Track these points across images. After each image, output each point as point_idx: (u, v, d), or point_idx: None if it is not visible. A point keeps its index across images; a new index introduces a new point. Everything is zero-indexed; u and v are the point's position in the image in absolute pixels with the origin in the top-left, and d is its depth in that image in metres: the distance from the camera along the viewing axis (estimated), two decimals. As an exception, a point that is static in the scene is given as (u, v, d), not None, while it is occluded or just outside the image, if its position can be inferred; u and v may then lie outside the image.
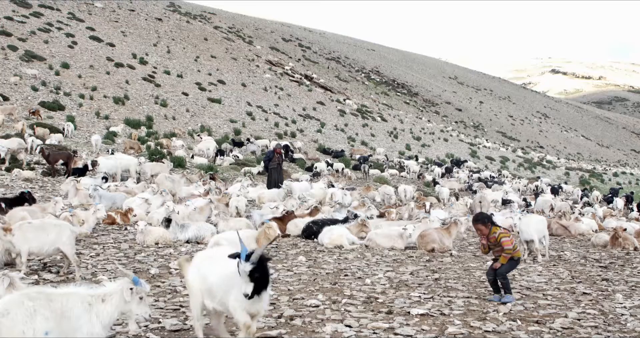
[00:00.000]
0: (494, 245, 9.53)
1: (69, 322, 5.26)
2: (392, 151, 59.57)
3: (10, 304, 5.19)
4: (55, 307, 5.25)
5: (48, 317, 5.15)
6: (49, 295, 5.39)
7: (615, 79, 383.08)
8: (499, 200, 29.51)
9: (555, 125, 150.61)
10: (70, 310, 5.31)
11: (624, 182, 70.12)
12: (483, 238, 9.66)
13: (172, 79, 59.98)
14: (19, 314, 5.08)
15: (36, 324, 5.07)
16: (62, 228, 10.08)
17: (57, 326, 5.17)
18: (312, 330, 7.56)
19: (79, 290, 5.59)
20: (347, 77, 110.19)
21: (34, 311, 5.11)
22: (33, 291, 5.59)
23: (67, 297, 5.41)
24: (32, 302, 5.20)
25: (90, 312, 5.44)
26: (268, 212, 17.84)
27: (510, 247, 9.39)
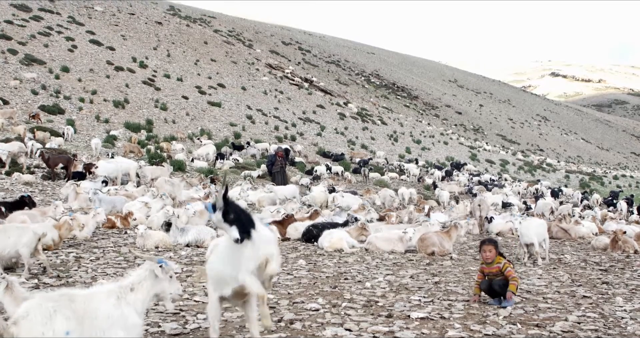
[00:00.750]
0: (494, 275, 9.50)
1: (95, 321, 5.22)
2: (392, 154, 59.62)
3: (30, 306, 5.19)
4: (77, 307, 5.22)
5: (69, 316, 5.11)
6: (71, 296, 5.37)
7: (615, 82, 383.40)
8: (499, 204, 29.53)
9: (555, 128, 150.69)
10: (95, 310, 5.27)
11: (624, 185, 70.11)
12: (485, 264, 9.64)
13: (172, 83, 60.05)
14: (38, 315, 5.06)
15: (56, 325, 5.02)
16: (24, 232, 10.09)
17: (80, 325, 5.13)
18: (312, 334, 7.55)
19: (103, 288, 5.57)
20: (347, 80, 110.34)
21: (53, 312, 5.08)
22: (55, 293, 5.58)
23: (91, 297, 5.39)
24: (52, 303, 5.17)
25: (120, 306, 5.39)
26: (268, 216, 17.85)
27: (515, 277, 9.39)
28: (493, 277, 9.51)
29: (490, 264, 9.50)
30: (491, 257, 9.49)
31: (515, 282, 9.36)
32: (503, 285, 9.31)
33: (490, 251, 9.50)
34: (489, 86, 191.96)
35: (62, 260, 11.35)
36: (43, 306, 5.13)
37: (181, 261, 11.98)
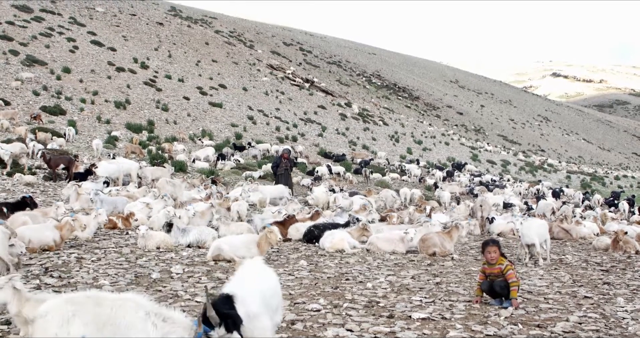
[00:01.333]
0: (496, 276, 9.51)
1: (116, 329, 5.18)
2: (393, 155, 59.63)
3: (51, 306, 5.22)
4: (101, 312, 5.20)
5: (87, 322, 5.10)
6: (99, 299, 5.36)
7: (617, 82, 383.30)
8: (500, 204, 29.51)
9: (556, 129, 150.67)
10: (120, 318, 5.23)
11: (625, 185, 70.08)
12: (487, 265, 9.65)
13: (173, 83, 60.11)
14: (56, 317, 5.08)
15: (72, 328, 5.04)
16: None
17: (99, 331, 5.11)
18: (313, 334, 7.56)
19: (138, 298, 5.49)
20: (348, 81, 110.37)
21: (72, 315, 5.09)
22: (81, 295, 5.58)
23: (120, 303, 5.34)
24: (73, 307, 5.18)
25: (147, 322, 5.29)
26: (269, 216, 17.86)
27: (515, 281, 9.38)
28: (495, 278, 9.51)
29: (493, 265, 9.50)
30: (495, 258, 9.50)
31: (516, 286, 9.35)
32: (504, 286, 9.31)
33: (495, 252, 9.50)
34: (490, 87, 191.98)
35: (63, 260, 11.35)
36: (63, 308, 5.15)
37: (182, 262, 11.99)
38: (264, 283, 6.28)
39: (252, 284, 6.07)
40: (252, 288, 5.97)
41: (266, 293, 6.14)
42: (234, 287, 5.85)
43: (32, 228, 12.40)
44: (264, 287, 6.20)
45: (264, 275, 6.45)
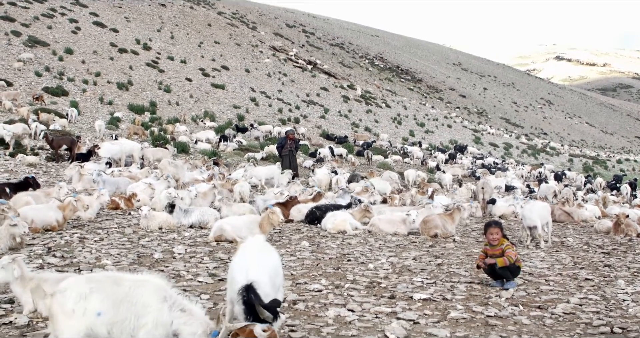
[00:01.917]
0: (497, 257, 9.52)
1: (132, 307, 5.27)
2: (395, 137, 59.54)
3: (70, 283, 5.32)
4: (118, 291, 5.29)
5: (104, 299, 5.19)
6: (118, 279, 5.45)
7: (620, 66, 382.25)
8: (502, 187, 29.50)
9: (559, 112, 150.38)
10: (138, 296, 5.32)
11: (627, 169, 70.04)
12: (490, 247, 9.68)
13: (176, 65, 59.96)
14: (73, 293, 5.17)
15: (89, 304, 5.13)
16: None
17: (114, 309, 5.20)
18: (315, 314, 7.60)
19: (159, 282, 5.59)
20: (350, 63, 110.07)
21: (89, 292, 5.18)
22: (101, 274, 5.69)
23: (139, 284, 5.44)
24: (92, 284, 5.27)
25: (163, 303, 5.39)
26: (271, 198, 17.88)
27: (513, 258, 9.39)
28: (493, 257, 9.56)
29: (495, 246, 9.53)
30: (497, 239, 9.53)
31: (507, 259, 9.33)
32: (506, 269, 9.34)
33: (497, 234, 9.54)
34: (493, 69, 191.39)
35: (66, 240, 11.38)
36: (81, 285, 5.24)
37: (185, 242, 12.02)
38: (269, 262, 6.37)
39: (259, 264, 6.15)
40: (262, 270, 6.06)
41: (271, 272, 6.22)
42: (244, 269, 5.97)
43: (35, 209, 12.44)
44: (269, 266, 6.29)
45: (267, 254, 6.51)
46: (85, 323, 5.11)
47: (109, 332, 5.19)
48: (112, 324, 5.19)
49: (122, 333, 5.23)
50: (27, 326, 6.77)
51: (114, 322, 5.20)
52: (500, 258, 9.34)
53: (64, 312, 5.14)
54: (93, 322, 5.13)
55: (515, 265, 9.43)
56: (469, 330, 7.16)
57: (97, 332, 5.16)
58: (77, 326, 5.10)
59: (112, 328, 5.20)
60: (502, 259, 9.32)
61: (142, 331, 5.25)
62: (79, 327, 5.10)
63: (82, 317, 5.11)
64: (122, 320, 5.22)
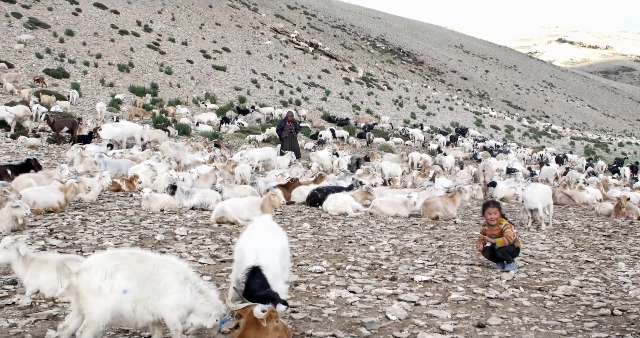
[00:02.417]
0: (495, 237, 9.54)
1: (156, 285, 5.33)
2: (397, 119, 59.49)
3: (96, 260, 5.37)
4: (143, 269, 5.35)
5: (130, 276, 5.24)
6: (142, 257, 5.51)
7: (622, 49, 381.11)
8: (503, 169, 29.50)
9: (561, 95, 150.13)
10: (161, 275, 5.38)
11: (629, 152, 70.00)
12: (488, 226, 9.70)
13: (177, 47, 59.83)
14: (99, 271, 5.21)
15: (115, 281, 5.17)
16: None
17: (140, 286, 5.26)
18: (316, 295, 7.62)
19: (180, 263, 5.66)
20: (352, 45, 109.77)
21: (115, 269, 5.22)
22: (126, 251, 5.77)
23: (162, 263, 5.50)
24: (116, 261, 5.32)
25: (185, 284, 5.45)
26: (273, 180, 17.88)
27: (512, 237, 9.42)
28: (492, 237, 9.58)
29: (493, 226, 9.56)
30: (495, 219, 9.55)
31: (507, 239, 9.37)
32: (506, 251, 9.36)
33: (495, 213, 9.57)
34: (495, 52, 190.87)
35: (68, 222, 11.40)
36: (107, 262, 5.29)
37: (186, 224, 12.04)
38: (278, 243, 6.43)
39: (269, 246, 6.20)
40: (272, 252, 6.12)
41: (280, 253, 6.30)
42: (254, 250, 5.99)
43: (36, 190, 12.46)
44: (278, 247, 6.36)
45: (276, 235, 6.56)
46: (112, 300, 5.16)
47: (134, 310, 5.25)
48: (136, 302, 5.25)
49: (144, 311, 5.30)
50: (30, 307, 6.80)
51: (139, 300, 5.26)
52: (499, 238, 9.36)
53: (90, 290, 5.17)
54: (119, 299, 5.18)
55: (514, 247, 9.45)
56: (469, 311, 7.19)
57: (122, 310, 5.22)
58: (104, 304, 5.15)
59: (137, 306, 5.26)
60: (501, 239, 9.35)
61: (163, 310, 5.32)
62: (107, 304, 5.15)
63: (110, 295, 5.15)
64: (145, 298, 5.28)
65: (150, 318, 5.35)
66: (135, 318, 5.30)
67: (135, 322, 5.36)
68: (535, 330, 6.60)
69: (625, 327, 6.81)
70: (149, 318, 5.34)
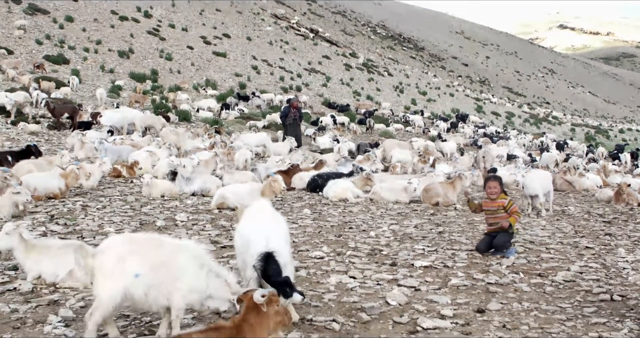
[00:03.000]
0: (495, 211, 9.56)
1: (170, 270, 5.36)
2: (397, 106, 59.38)
3: (111, 243, 5.45)
4: (158, 254, 5.40)
5: (143, 261, 5.29)
6: (160, 242, 5.57)
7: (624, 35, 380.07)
8: (504, 156, 29.47)
9: (562, 81, 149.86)
10: (176, 261, 5.41)
11: (629, 138, 69.93)
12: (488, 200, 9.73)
13: (177, 33, 59.64)
14: (114, 254, 5.27)
15: (127, 265, 5.22)
16: None
17: (153, 271, 5.30)
18: (316, 281, 7.65)
19: (197, 248, 5.68)
20: (353, 31, 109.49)
21: (129, 253, 5.27)
22: (143, 236, 5.86)
23: (180, 249, 5.53)
24: (132, 246, 5.38)
25: (200, 270, 5.47)
26: (273, 166, 17.88)
27: (519, 211, 9.49)
28: (491, 214, 9.60)
29: (494, 200, 9.58)
30: (495, 193, 9.58)
31: (518, 216, 9.46)
32: (505, 241, 9.37)
33: (496, 187, 9.62)
34: (495, 38, 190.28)
35: (69, 208, 11.44)
36: (122, 246, 5.35)
37: (187, 210, 12.07)
38: (282, 229, 6.47)
39: (277, 232, 6.22)
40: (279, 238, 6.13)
41: (285, 239, 6.33)
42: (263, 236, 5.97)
43: (37, 177, 12.47)
44: (283, 233, 6.39)
45: (279, 220, 6.61)
46: (122, 284, 5.20)
47: (146, 294, 5.29)
48: (149, 286, 5.28)
49: (158, 296, 5.33)
50: (31, 292, 6.84)
51: (152, 284, 5.29)
52: (511, 217, 9.38)
53: (103, 272, 5.24)
54: (130, 283, 5.22)
55: (510, 233, 9.47)
56: (469, 297, 7.22)
57: (133, 293, 5.25)
58: (114, 286, 5.20)
59: (149, 290, 5.29)
60: (513, 218, 9.39)
61: (177, 295, 5.35)
62: (117, 287, 5.20)
63: (121, 278, 5.20)
64: (159, 283, 5.32)
65: (165, 303, 5.40)
66: (149, 303, 5.35)
67: (149, 306, 5.42)
68: (534, 316, 6.63)
69: (624, 312, 6.84)
70: (164, 302, 5.39)
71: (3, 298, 6.60)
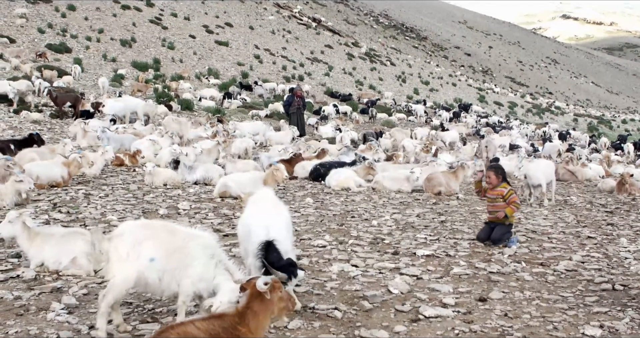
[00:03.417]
0: (494, 199, 9.57)
1: (183, 256, 5.41)
2: (400, 95, 59.34)
3: (127, 227, 5.50)
4: (173, 240, 5.44)
5: (158, 246, 5.34)
6: (174, 229, 5.61)
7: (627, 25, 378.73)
8: (506, 145, 29.44)
9: (564, 71, 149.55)
10: (188, 248, 5.45)
11: (632, 128, 69.80)
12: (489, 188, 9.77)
13: (179, 22, 59.51)
14: (129, 238, 5.33)
15: (142, 249, 5.28)
16: None
17: (167, 257, 5.35)
18: (319, 269, 7.67)
19: (210, 239, 5.70)
20: (355, 20, 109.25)
21: (144, 238, 5.33)
22: (158, 222, 5.94)
23: (193, 237, 5.57)
24: (146, 230, 5.44)
25: (210, 260, 5.51)
26: (276, 154, 17.88)
27: (519, 202, 9.50)
28: (492, 201, 9.61)
29: (494, 188, 9.60)
30: (491, 183, 9.62)
31: (515, 207, 9.45)
32: (502, 235, 9.37)
33: (490, 177, 9.65)
34: (498, 28, 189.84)
35: (71, 196, 11.45)
36: (138, 230, 5.41)
37: (189, 198, 12.08)
38: (284, 217, 6.51)
39: (278, 220, 6.27)
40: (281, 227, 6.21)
41: (287, 227, 6.40)
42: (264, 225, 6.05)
43: (40, 165, 12.49)
44: (285, 221, 6.44)
45: (281, 209, 6.64)
46: (137, 267, 5.26)
47: (160, 279, 5.35)
48: (163, 272, 5.34)
49: (171, 281, 5.39)
50: (34, 280, 6.86)
51: (165, 270, 5.35)
52: (508, 208, 9.39)
53: (118, 255, 5.28)
54: (146, 267, 5.28)
55: (508, 224, 9.47)
56: (471, 285, 7.24)
57: (148, 278, 5.31)
58: (129, 269, 5.25)
59: (163, 275, 5.36)
60: (510, 209, 9.39)
61: (185, 282, 5.39)
62: (132, 270, 5.25)
63: (135, 262, 5.26)
64: (172, 269, 5.37)
65: (177, 289, 5.45)
66: (161, 288, 5.42)
67: (162, 291, 5.48)
68: (536, 304, 6.65)
69: (626, 301, 6.86)
70: (176, 288, 5.44)
71: (6, 286, 6.63)
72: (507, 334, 5.73)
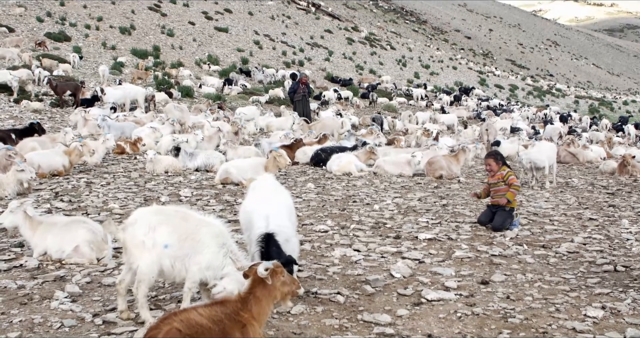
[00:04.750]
0: (495, 184, 9.57)
1: (195, 243, 5.41)
2: (400, 79, 59.25)
3: (140, 215, 5.49)
4: (186, 226, 5.44)
5: (171, 232, 5.34)
6: (186, 215, 5.60)
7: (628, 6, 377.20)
8: (507, 128, 29.42)
9: (565, 53, 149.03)
10: (200, 235, 5.46)
11: (633, 110, 69.65)
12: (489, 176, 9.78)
13: (178, 8, 59.36)
14: (143, 225, 5.33)
15: (157, 236, 5.29)
16: None
17: (179, 243, 5.36)
18: (321, 254, 7.69)
19: (221, 227, 5.70)
20: (355, 4, 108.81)
21: (158, 224, 5.34)
22: (171, 208, 5.96)
23: (204, 224, 5.57)
24: (159, 217, 5.44)
25: (221, 248, 5.51)
26: (277, 140, 17.87)
27: (518, 184, 9.48)
28: (494, 186, 9.61)
29: (494, 174, 9.62)
30: (490, 170, 9.65)
31: (515, 190, 9.44)
32: (503, 221, 9.35)
33: (489, 164, 9.67)
34: (498, 10, 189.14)
35: (73, 185, 11.46)
36: (150, 217, 5.40)
37: (191, 185, 12.09)
38: (285, 203, 6.54)
39: (278, 208, 6.30)
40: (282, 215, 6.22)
41: (289, 214, 6.41)
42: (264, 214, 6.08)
43: (41, 154, 12.50)
44: (286, 208, 6.46)
45: (282, 195, 6.67)
46: (155, 254, 5.28)
47: (172, 266, 5.38)
48: (175, 258, 5.36)
49: (182, 268, 5.41)
50: (37, 269, 6.87)
51: (178, 256, 5.37)
52: (509, 192, 9.38)
53: (135, 244, 5.31)
54: (161, 253, 5.30)
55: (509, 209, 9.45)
56: (473, 268, 7.25)
57: (162, 265, 5.34)
58: (149, 257, 5.28)
59: (175, 262, 5.38)
60: (510, 193, 9.38)
61: (193, 268, 5.40)
62: (151, 258, 5.28)
63: (153, 249, 5.28)
64: (184, 255, 5.39)
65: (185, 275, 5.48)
66: (173, 274, 5.43)
67: (173, 277, 5.49)
68: (538, 287, 6.66)
69: (628, 282, 6.87)
70: (186, 275, 5.46)
71: (10, 275, 6.64)
72: (509, 316, 5.74)
